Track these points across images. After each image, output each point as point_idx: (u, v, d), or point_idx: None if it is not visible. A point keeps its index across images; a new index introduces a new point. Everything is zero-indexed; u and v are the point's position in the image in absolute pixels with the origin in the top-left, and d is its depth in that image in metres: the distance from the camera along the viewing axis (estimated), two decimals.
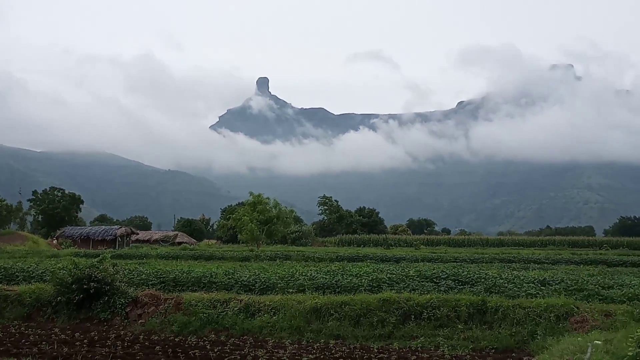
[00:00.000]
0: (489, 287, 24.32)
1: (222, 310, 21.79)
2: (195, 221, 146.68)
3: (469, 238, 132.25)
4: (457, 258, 53.60)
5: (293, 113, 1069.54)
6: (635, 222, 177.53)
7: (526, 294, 22.97)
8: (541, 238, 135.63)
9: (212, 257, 52.96)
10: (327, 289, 24.37)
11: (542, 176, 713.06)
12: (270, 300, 22.21)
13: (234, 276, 27.13)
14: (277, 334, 20.27)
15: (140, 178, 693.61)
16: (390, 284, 25.12)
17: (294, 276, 26.90)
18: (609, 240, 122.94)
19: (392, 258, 52.75)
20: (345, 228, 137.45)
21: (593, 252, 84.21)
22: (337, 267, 33.25)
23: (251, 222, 74.74)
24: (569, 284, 25.20)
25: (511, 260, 52.90)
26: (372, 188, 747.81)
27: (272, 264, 40.47)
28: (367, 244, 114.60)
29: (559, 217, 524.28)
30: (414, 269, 30.28)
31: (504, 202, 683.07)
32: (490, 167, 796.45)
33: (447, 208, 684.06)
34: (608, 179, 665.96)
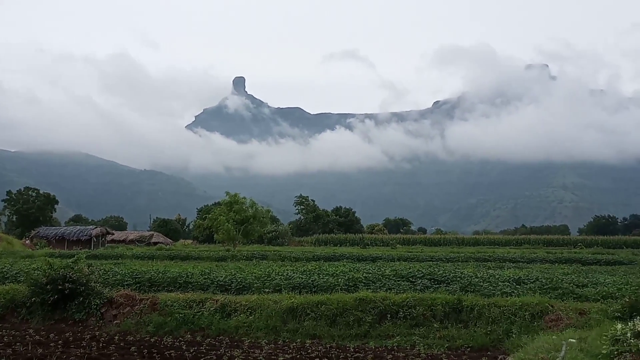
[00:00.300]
0: (464, 286, 24.42)
1: (198, 311, 21.74)
2: (171, 221, 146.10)
3: (445, 237, 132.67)
4: (433, 257, 53.64)
5: (269, 112, 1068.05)
6: (609, 221, 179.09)
7: (501, 292, 23.10)
8: (516, 237, 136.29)
9: (188, 257, 52.71)
10: (304, 289, 24.38)
11: (518, 175, 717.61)
12: (246, 300, 22.17)
13: (210, 276, 27.08)
14: (253, 333, 20.23)
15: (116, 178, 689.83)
16: (367, 283, 25.17)
17: (271, 276, 26.88)
18: (584, 239, 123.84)
19: (368, 257, 52.73)
20: (321, 227, 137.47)
21: (568, 250, 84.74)
22: (313, 266, 33.22)
23: (227, 222, 74.57)
24: (543, 282, 25.37)
25: (486, 259, 53.06)
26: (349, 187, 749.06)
27: (249, 264, 40.34)
28: (343, 243, 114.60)
29: (534, 216, 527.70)
30: (390, 268, 30.34)
31: (480, 201, 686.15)
32: (466, 166, 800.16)
33: (423, 207, 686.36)
34: (582, 178, 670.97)
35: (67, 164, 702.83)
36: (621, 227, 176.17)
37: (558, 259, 53.27)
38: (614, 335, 13.79)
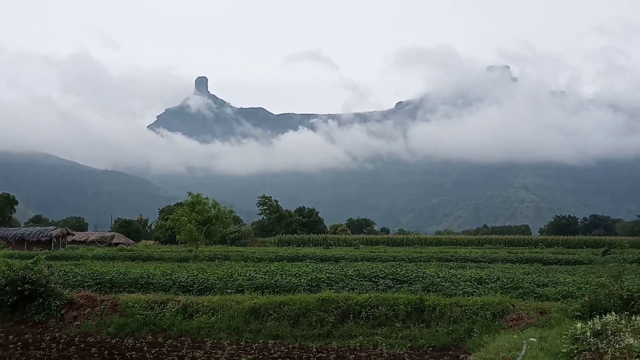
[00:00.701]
0: (426, 286, 24.54)
1: (160, 312, 21.61)
2: (132, 222, 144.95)
3: (408, 237, 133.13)
4: (395, 257, 53.91)
5: (232, 112, 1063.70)
6: (569, 221, 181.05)
7: (463, 292, 23.25)
8: (478, 237, 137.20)
9: (150, 258, 52.44)
10: (266, 289, 24.36)
11: (479, 176, 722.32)
12: (208, 300, 22.09)
13: (171, 277, 26.95)
14: (215, 334, 20.17)
15: (76, 178, 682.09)
16: (329, 284, 25.21)
17: (233, 276, 26.81)
18: (544, 239, 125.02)
19: (331, 258, 52.87)
20: (284, 228, 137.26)
21: (529, 250, 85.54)
22: (276, 267, 33.21)
23: (190, 222, 74.18)
24: (504, 282, 25.58)
25: (449, 259, 53.42)
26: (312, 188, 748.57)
27: (211, 265, 40.22)
28: (306, 243, 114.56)
29: (496, 216, 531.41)
30: (353, 269, 30.41)
31: (442, 201, 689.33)
32: (428, 167, 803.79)
33: (386, 208, 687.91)
34: (543, 178, 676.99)
35: (27, 164, 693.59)
36: (581, 227, 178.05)
37: (519, 259, 53.84)
38: (573, 334, 13.93)
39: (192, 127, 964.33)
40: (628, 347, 12.41)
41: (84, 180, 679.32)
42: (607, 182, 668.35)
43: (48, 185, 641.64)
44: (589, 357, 12.56)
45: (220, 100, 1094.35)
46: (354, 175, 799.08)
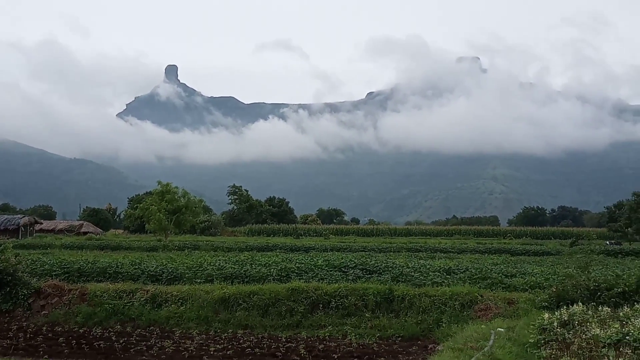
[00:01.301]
0: (396, 276, 24.62)
1: (128, 301, 21.49)
2: (101, 210, 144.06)
3: (378, 228, 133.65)
4: (365, 247, 54.03)
5: (202, 101, 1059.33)
6: (537, 212, 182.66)
7: (432, 282, 23.35)
8: (447, 227, 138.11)
9: (119, 247, 52.15)
10: (236, 279, 24.31)
11: (449, 167, 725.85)
12: (177, 290, 22.00)
13: (140, 266, 26.81)
14: (184, 324, 20.10)
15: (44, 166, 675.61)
16: (299, 274, 25.22)
17: (202, 266, 26.74)
18: (513, 230, 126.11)
19: (301, 248, 52.89)
20: (255, 218, 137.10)
21: (497, 241, 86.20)
22: (246, 256, 33.16)
23: (159, 211, 73.92)
24: (473, 272, 25.72)
25: (418, 249, 53.59)
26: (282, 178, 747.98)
27: (180, 254, 40.06)
28: (276, 233, 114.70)
29: (465, 207, 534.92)
30: (323, 259, 30.42)
31: (412, 192, 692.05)
32: (398, 157, 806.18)
33: (356, 198, 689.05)
34: (512, 169, 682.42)
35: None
36: (549, 218, 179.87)
37: (488, 250, 54.21)
38: (541, 324, 14.05)
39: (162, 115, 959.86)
40: (594, 337, 12.53)
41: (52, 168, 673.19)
42: (575, 174, 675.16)
43: (16, 173, 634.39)
44: (556, 347, 12.67)
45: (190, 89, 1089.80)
46: (325, 165, 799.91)
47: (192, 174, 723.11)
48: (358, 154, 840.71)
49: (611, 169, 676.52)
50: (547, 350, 12.62)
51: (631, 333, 12.36)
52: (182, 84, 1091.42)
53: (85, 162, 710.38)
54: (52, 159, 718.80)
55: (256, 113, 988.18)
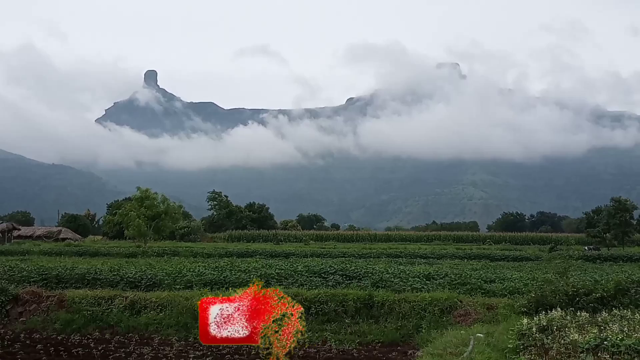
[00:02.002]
0: (375, 282, 24.68)
1: (107, 308, 21.40)
2: (80, 217, 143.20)
3: (358, 233, 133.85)
4: (345, 253, 54.09)
5: (182, 106, 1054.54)
6: (517, 217, 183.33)
7: (412, 288, 23.42)
8: (427, 233, 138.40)
9: (98, 254, 51.88)
10: (215, 285, 24.27)
11: (428, 172, 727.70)
12: (156, 297, 21.93)
13: (119, 273, 26.71)
14: (163, 330, 20.04)
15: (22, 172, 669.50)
16: (279, 279, 25.22)
17: (182, 272, 26.69)
18: (492, 236, 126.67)
19: (281, 253, 52.86)
20: (234, 223, 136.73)
21: (477, 247, 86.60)
22: (225, 262, 33.13)
23: (138, 217, 73.62)
24: (453, 278, 25.83)
25: (398, 255, 53.73)
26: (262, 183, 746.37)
27: (160, 260, 39.94)
28: (256, 239, 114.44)
29: (445, 212, 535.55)
30: (303, 265, 30.46)
31: (392, 197, 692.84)
32: (378, 163, 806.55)
33: (336, 203, 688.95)
34: (491, 175, 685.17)
35: None
36: (528, 223, 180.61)
37: (467, 255, 54.43)
38: (520, 329, 14.11)
39: (140, 121, 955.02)
40: (573, 342, 12.60)
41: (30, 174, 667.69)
42: (554, 179, 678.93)
43: None
44: (535, 352, 12.72)
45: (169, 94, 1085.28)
46: (305, 171, 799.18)
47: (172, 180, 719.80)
48: (338, 159, 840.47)
49: (590, 174, 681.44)
50: (526, 355, 12.68)
51: (609, 338, 12.43)
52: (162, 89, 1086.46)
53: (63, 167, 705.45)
54: (30, 164, 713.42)
55: (236, 118, 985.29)
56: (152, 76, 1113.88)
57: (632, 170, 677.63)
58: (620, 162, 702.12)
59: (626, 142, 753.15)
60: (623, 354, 11.83)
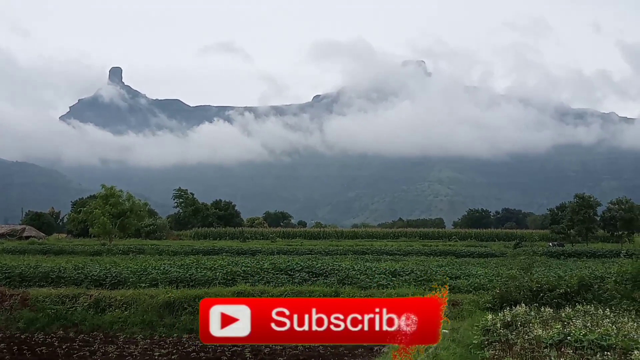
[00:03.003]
0: (342, 279, 24.74)
1: (71, 306, 21.22)
2: (44, 214, 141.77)
3: (324, 230, 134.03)
4: (312, 250, 54.22)
5: (147, 103, 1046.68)
6: (482, 214, 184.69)
7: (378, 284, 23.51)
8: (394, 230, 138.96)
9: (62, 252, 51.51)
10: (181, 283, 24.19)
11: (395, 169, 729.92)
12: (121, 295, 21.79)
13: (84, 271, 26.50)
14: (128, 329, 19.92)
15: None
16: (245, 277, 25.18)
17: (147, 270, 26.54)
18: (458, 232, 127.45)
19: (248, 251, 52.88)
20: (201, 221, 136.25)
21: (443, 243, 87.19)
22: (191, 260, 33.02)
23: (103, 215, 73.19)
24: (418, 274, 25.97)
25: (364, 252, 53.97)
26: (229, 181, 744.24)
27: (125, 258, 39.73)
28: (223, 237, 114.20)
29: (411, 209, 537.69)
30: (269, 262, 30.45)
31: (359, 194, 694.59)
32: (344, 160, 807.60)
33: (303, 201, 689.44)
34: (457, 172, 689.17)
35: None
36: (493, 220, 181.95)
37: (433, 252, 54.79)
38: (484, 325, 14.21)
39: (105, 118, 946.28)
40: (536, 338, 12.70)
41: None
42: (519, 176, 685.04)
43: None
44: (499, 348, 12.81)
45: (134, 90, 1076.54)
46: (271, 168, 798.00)
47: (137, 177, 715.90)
48: (304, 156, 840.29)
49: (554, 171, 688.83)
50: (491, 351, 12.76)
51: (572, 333, 12.56)
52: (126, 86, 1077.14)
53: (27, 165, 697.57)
54: None
55: (201, 115, 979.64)
56: (116, 73, 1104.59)
57: (596, 167, 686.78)
58: (583, 159, 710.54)
59: (589, 139, 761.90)
60: (586, 349, 11.95)
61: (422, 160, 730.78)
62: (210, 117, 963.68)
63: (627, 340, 12.30)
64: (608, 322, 13.99)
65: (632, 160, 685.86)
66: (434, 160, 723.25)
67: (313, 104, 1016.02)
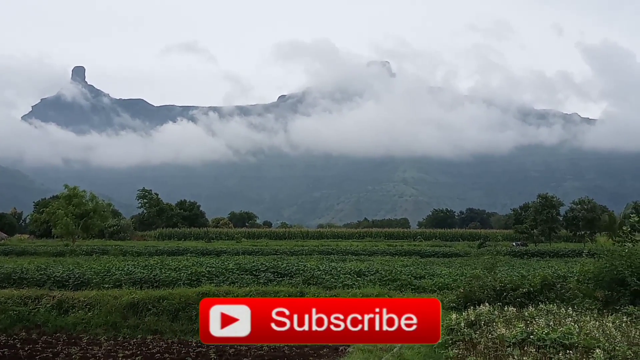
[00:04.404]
0: (307, 279, 24.73)
1: (34, 307, 21.00)
2: (6, 215, 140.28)
3: (290, 231, 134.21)
4: (277, 250, 54.24)
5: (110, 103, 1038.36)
6: (447, 214, 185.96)
7: (343, 284, 23.54)
8: (359, 230, 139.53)
9: (24, 253, 51.07)
10: (145, 284, 24.05)
11: (360, 170, 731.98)
12: (84, 296, 21.59)
13: (46, 272, 26.24)
14: (92, 330, 19.75)
15: None
16: (210, 278, 25.10)
17: (111, 271, 26.36)
18: (423, 232, 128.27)
19: (212, 251, 52.81)
20: (165, 221, 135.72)
21: (407, 243, 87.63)
22: (155, 261, 32.85)
23: (66, 215, 72.68)
24: (383, 274, 26.05)
25: (330, 252, 54.11)
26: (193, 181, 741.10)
27: (88, 259, 39.42)
28: (187, 237, 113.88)
29: (376, 209, 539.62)
30: (234, 262, 30.41)
31: (324, 195, 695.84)
32: (310, 160, 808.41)
33: (268, 201, 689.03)
34: (422, 172, 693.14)
35: None
36: (458, 220, 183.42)
37: (398, 252, 55.02)
38: (449, 325, 14.30)
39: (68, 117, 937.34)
40: (500, 337, 12.81)
41: None
42: (482, 176, 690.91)
43: None
44: (463, 347, 12.90)
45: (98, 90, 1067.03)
46: (236, 168, 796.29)
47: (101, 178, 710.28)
48: (269, 157, 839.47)
49: (517, 171, 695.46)
50: (454, 350, 12.85)
51: (535, 332, 12.68)
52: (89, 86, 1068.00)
53: None
54: None
55: (165, 115, 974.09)
56: (79, 72, 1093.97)
57: (558, 167, 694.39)
58: (546, 159, 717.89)
59: (552, 140, 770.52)
60: (548, 348, 12.08)
61: (387, 161, 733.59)
62: (174, 116, 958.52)
63: (588, 339, 12.45)
64: (570, 321, 14.16)
65: (594, 161, 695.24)
66: (399, 160, 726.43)
67: (278, 104, 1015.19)
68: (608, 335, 13.00)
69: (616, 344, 12.25)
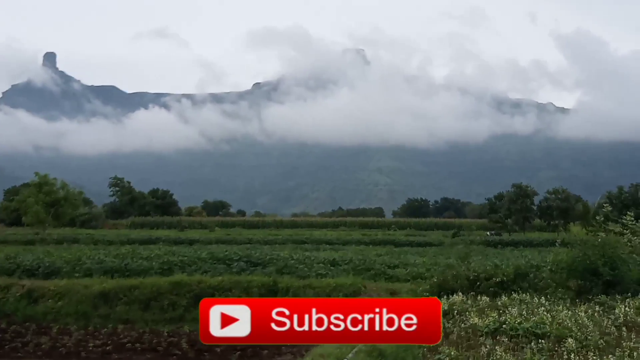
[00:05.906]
0: (280, 268, 24.69)
1: (3, 297, 20.79)
2: None
3: (264, 220, 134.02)
4: (251, 240, 54.16)
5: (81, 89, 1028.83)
6: (421, 203, 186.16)
7: (316, 274, 23.51)
8: (333, 219, 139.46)
9: None
10: (116, 273, 23.88)
11: (335, 158, 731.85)
12: (55, 285, 21.38)
13: (15, 260, 26.00)
14: (62, 319, 19.55)
15: None
16: (182, 267, 24.99)
17: (81, 260, 26.14)
18: (397, 221, 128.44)
19: (185, 240, 52.61)
20: (137, 210, 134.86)
21: (382, 232, 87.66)
22: (127, 250, 32.65)
23: (37, 203, 71.94)
24: (357, 263, 26.05)
25: (304, 241, 54.06)
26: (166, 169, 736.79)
27: (59, 248, 39.13)
28: (160, 226, 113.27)
29: (351, 198, 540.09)
30: (207, 251, 30.32)
31: (298, 184, 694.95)
32: (284, 149, 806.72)
33: (242, 189, 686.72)
34: (397, 161, 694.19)
35: None
36: (433, 209, 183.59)
37: (372, 241, 55.12)
38: None
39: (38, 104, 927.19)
40: (473, 326, 12.80)
41: None
42: (457, 166, 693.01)
43: None
44: None
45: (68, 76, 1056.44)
46: (209, 156, 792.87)
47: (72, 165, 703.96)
48: (243, 145, 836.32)
49: (492, 160, 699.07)
50: None
51: (508, 321, 12.71)
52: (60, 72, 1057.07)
53: None
54: None
55: (137, 102, 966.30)
56: (50, 58, 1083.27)
57: (533, 156, 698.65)
58: (521, 149, 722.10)
59: (526, 129, 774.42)
60: (521, 337, 12.09)
61: (362, 149, 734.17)
62: (146, 103, 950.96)
63: (561, 328, 12.49)
64: (543, 311, 14.21)
65: (569, 151, 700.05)
66: (374, 149, 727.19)
67: (252, 91, 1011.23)
68: (580, 324, 13.05)
69: (588, 333, 12.32)
